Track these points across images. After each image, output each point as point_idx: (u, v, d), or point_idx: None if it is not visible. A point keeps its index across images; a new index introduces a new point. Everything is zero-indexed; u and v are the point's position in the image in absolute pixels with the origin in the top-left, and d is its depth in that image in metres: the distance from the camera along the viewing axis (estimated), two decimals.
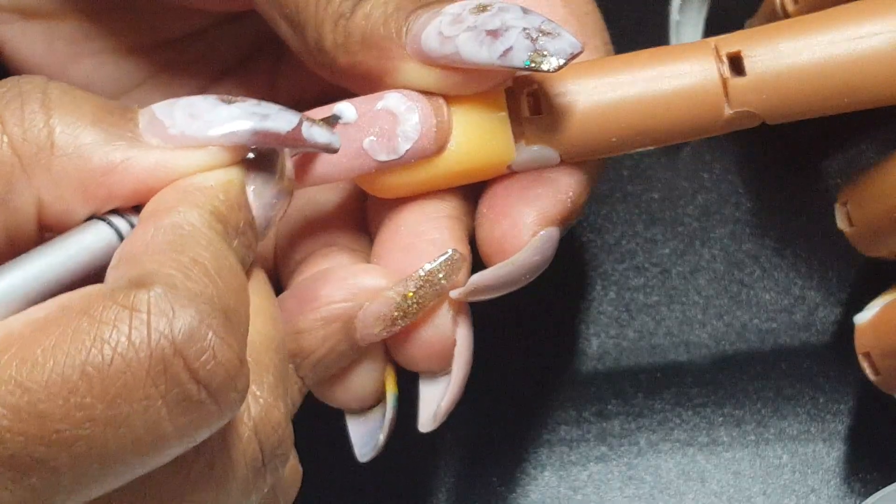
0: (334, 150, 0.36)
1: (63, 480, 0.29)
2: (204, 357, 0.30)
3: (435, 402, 0.39)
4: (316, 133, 0.35)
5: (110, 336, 0.29)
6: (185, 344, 0.30)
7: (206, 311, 0.30)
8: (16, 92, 0.33)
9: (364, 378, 0.40)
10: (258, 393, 0.33)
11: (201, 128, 0.34)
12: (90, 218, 0.34)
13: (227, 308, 0.31)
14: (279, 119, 0.34)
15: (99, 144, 0.33)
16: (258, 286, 0.35)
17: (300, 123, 0.35)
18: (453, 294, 0.38)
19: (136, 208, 0.34)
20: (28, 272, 0.32)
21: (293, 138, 0.34)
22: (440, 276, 0.38)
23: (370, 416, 0.40)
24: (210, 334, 0.30)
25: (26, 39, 0.43)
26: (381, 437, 0.40)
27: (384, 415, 0.40)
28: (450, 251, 0.38)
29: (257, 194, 0.34)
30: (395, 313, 0.38)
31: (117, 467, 0.30)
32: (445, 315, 0.39)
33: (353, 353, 0.39)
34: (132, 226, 0.34)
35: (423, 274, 0.38)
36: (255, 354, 0.33)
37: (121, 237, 0.33)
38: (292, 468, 0.36)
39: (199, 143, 0.33)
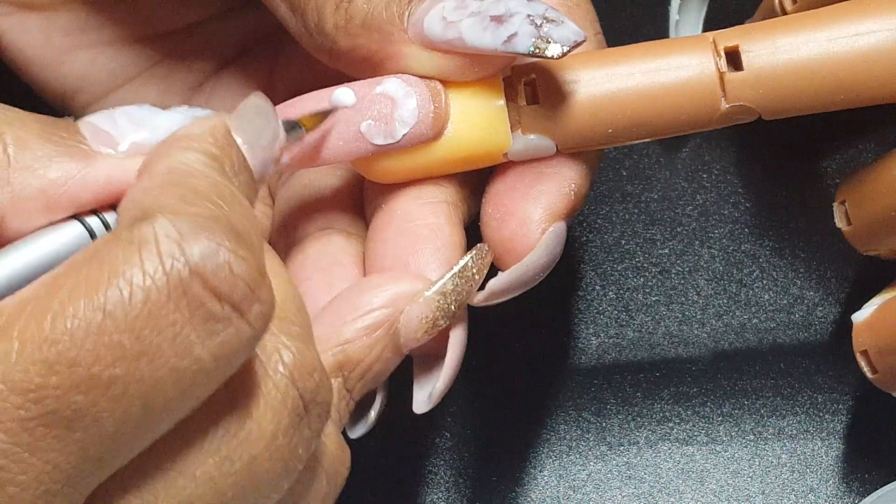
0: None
1: (107, 429, 0.29)
2: (221, 273, 0.30)
3: (430, 384, 0.40)
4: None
5: (124, 271, 0.29)
6: (199, 264, 0.29)
7: (213, 228, 0.30)
8: None
9: None
10: (287, 342, 0.33)
11: (149, 137, 0.34)
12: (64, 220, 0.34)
13: (234, 226, 0.30)
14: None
15: (54, 157, 0.33)
16: (267, 252, 0.35)
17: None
18: (473, 301, 0.39)
19: (112, 206, 0.34)
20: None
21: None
22: (473, 270, 0.38)
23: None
24: (222, 250, 0.30)
25: (23, 31, 0.44)
26: (373, 415, 0.40)
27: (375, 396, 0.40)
28: (478, 245, 0.39)
29: (247, 143, 0.34)
30: (437, 313, 0.38)
31: (159, 404, 0.30)
32: None
33: (396, 359, 0.39)
34: (106, 225, 0.34)
35: (457, 271, 0.38)
36: (276, 309, 0.33)
37: (93, 236, 0.34)
38: (339, 445, 0.36)
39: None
